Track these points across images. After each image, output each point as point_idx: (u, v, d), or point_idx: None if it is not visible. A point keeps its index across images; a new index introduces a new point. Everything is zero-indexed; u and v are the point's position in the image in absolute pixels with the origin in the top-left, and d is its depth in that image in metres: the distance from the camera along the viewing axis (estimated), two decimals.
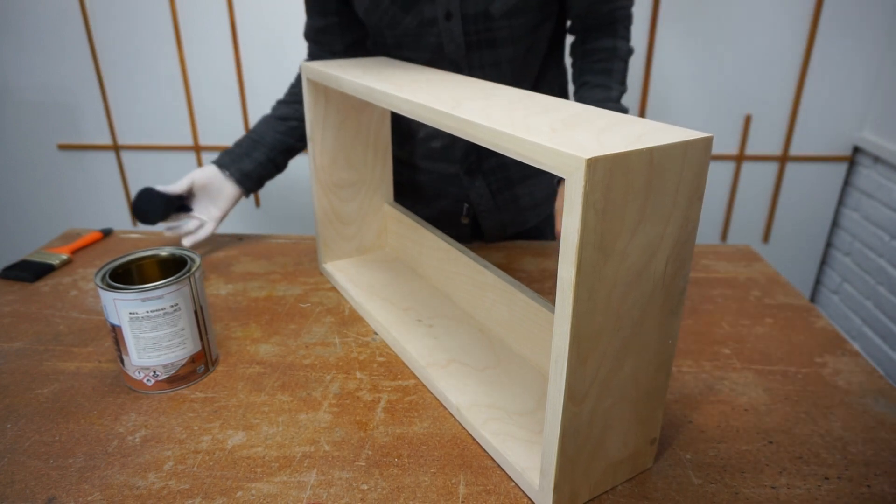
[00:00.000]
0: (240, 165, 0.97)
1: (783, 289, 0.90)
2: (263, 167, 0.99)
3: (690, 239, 0.48)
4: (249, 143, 0.99)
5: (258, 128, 1.00)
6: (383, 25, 0.89)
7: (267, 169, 0.99)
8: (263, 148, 0.98)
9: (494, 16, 0.85)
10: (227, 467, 0.57)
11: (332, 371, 0.71)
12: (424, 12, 0.86)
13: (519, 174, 1.03)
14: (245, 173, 0.97)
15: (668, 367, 0.53)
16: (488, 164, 1.01)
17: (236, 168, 0.97)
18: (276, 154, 0.99)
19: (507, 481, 0.55)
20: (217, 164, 0.97)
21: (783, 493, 0.54)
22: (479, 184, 1.02)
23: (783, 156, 1.89)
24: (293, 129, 0.99)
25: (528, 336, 0.68)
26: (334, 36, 0.96)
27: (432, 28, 0.87)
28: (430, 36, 0.89)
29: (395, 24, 0.88)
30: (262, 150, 0.98)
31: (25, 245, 2.20)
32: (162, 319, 0.64)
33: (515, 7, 0.85)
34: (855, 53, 1.76)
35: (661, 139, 0.43)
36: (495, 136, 0.47)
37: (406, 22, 0.87)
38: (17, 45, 1.89)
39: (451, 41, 0.88)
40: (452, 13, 0.85)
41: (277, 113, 1.00)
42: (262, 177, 0.99)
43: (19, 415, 0.64)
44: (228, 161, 0.97)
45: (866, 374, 0.71)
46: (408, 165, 1.05)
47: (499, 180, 1.03)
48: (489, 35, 0.88)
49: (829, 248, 2.01)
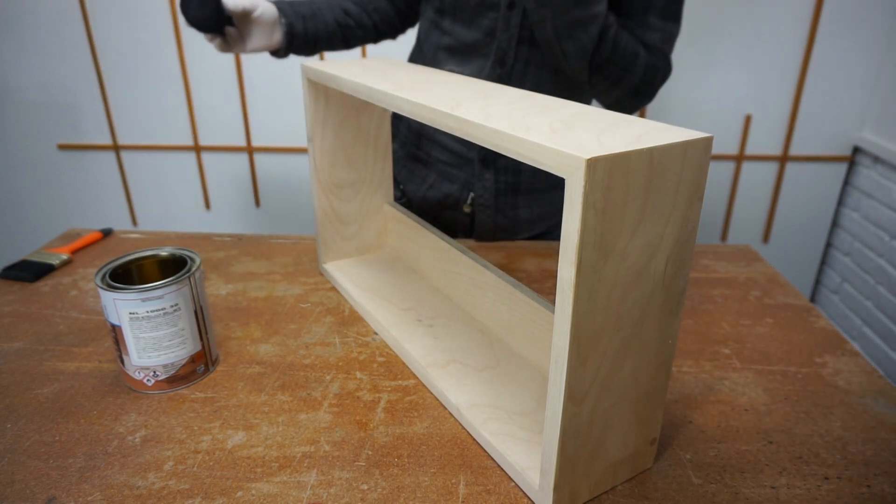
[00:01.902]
0: (294, 22, 0.95)
1: (783, 289, 0.90)
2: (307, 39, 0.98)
3: (690, 239, 0.48)
4: (308, 11, 0.98)
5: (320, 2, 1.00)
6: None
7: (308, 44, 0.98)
8: (315, 23, 0.98)
9: None
10: (227, 467, 0.57)
11: (332, 371, 0.71)
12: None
13: (527, 185, 1.03)
14: (294, 33, 0.96)
15: (668, 367, 0.53)
16: (504, 162, 1.01)
17: (290, 22, 0.95)
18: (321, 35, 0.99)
19: (507, 481, 0.55)
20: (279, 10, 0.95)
21: (783, 493, 0.54)
22: (488, 176, 1.01)
23: (783, 156, 1.89)
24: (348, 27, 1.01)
25: (528, 336, 0.68)
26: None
27: (491, 12, 0.88)
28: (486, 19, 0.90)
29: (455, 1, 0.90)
30: (313, 24, 0.98)
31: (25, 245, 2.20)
32: (162, 319, 0.64)
33: None
34: (855, 53, 1.76)
35: (661, 139, 0.43)
36: (495, 136, 0.47)
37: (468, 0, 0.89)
38: (17, 45, 1.89)
39: (505, 30, 0.89)
40: (516, 3, 0.86)
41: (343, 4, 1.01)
42: (299, 47, 0.98)
43: (19, 415, 0.64)
44: (289, 12, 0.95)
45: (866, 374, 0.71)
46: (427, 138, 1.05)
47: (507, 181, 1.02)
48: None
49: (829, 248, 2.01)
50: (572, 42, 0.82)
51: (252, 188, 2.05)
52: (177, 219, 2.10)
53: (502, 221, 1.06)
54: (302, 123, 1.93)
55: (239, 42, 0.93)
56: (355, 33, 1.03)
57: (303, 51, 0.99)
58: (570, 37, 0.82)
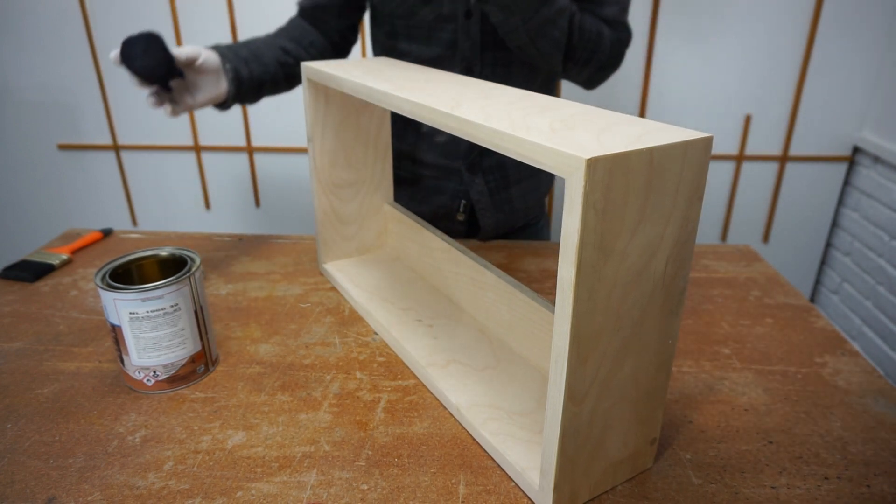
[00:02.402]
0: (238, 66, 0.87)
1: (783, 289, 0.90)
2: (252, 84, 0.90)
3: (690, 239, 0.48)
4: (248, 53, 0.90)
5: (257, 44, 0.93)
6: (397, 15, 0.89)
7: (253, 89, 0.91)
8: (259, 66, 0.91)
9: None
10: (227, 467, 0.57)
11: (332, 371, 0.71)
12: (444, 7, 0.86)
13: (515, 176, 1.04)
14: (240, 78, 0.88)
15: (668, 367, 0.53)
16: (488, 162, 1.01)
17: (234, 67, 0.87)
18: (266, 79, 0.92)
19: (507, 481, 0.55)
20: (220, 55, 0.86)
21: (783, 493, 0.54)
22: (478, 181, 1.02)
23: (783, 156, 1.89)
24: (289, 65, 0.95)
25: (528, 336, 0.68)
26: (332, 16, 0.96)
27: (449, 25, 0.87)
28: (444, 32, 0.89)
29: (410, 14, 0.88)
30: (256, 67, 0.90)
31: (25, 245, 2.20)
32: (162, 319, 0.64)
33: None
34: (855, 53, 1.76)
35: (661, 139, 0.43)
36: (495, 136, 0.47)
37: (423, 13, 0.87)
38: (17, 45, 1.89)
39: (467, 39, 0.88)
40: (473, 12, 0.85)
41: (280, 42, 0.94)
42: (245, 94, 0.90)
43: (19, 415, 0.64)
44: (231, 56, 0.87)
45: (866, 374, 0.71)
46: (409, 159, 1.05)
47: (497, 179, 1.03)
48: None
49: (829, 248, 2.01)
50: (546, 40, 0.83)
51: (252, 188, 2.05)
52: (177, 219, 2.10)
53: (502, 216, 1.07)
54: (302, 123, 1.93)
55: (186, 97, 0.84)
56: (295, 71, 0.97)
57: (248, 97, 0.92)
58: (544, 35, 0.82)
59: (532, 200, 1.09)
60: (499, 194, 1.04)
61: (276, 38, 0.95)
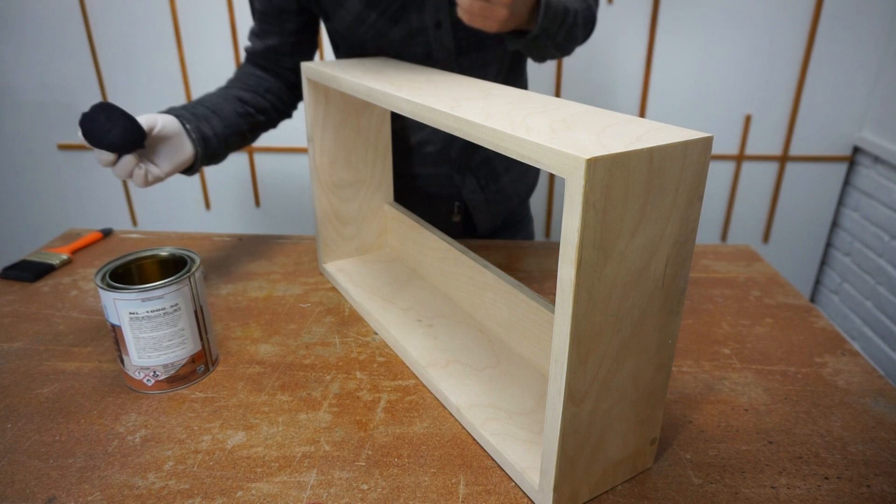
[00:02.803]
0: (200, 126, 0.81)
1: (783, 289, 0.90)
2: (218, 141, 0.84)
3: (690, 239, 0.48)
4: (206, 111, 0.84)
5: (211, 99, 0.86)
6: (367, 39, 0.88)
7: (219, 145, 0.84)
8: (220, 121, 0.84)
9: None
10: (227, 467, 0.57)
11: (332, 371, 0.71)
12: (413, 22, 0.85)
13: (502, 166, 1.05)
14: (205, 137, 0.81)
15: (668, 367, 0.53)
16: (475, 160, 1.02)
17: (197, 127, 0.80)
18: (230, 133, 0.86)
19: (507, 481, 0.55)
20: (176, 115, 0.79)
21: (783, 493, 0.54)
22: (469, 180, 1.02)
23: (783, 156, 1.89)
24: (250, 115, 0.89)
25: (528, 336, 0.68)
26: (285, 56, 0.93)
27: (420, 37, 0.87)
28: (417, 46, 0.89)
29: (380, 35, 0.87)
30: (219, 123, 0.84)
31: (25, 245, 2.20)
32: (162, 319, 0.64)
33: None
34: (855, 53, 1.76)
35: (661, 139, 0.43)
36: (495, 136, 0.47)
37: (393, 33, 0.87)
38: (17, 45, 1.89)
39: (441, 48, 0.88)
40: (442, 20, 0.85)
41: (234, 93, 0.88)
42: (214, 152, 0.84)
43: (19, 415, 0.64)
44: (190, 117, 0.81)
45: (866, 374, 0.71)
46: (399, 174, 1.05)
47: (486, 174, 1.04)
48: (480, 38, 0.88)
49: (829, 248, 2.01)
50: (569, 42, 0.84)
51: (252, 188, 2.05)
52: (177, 219, 2.10)
53: (496, 208, 1.08)
54: (302, 123, 1.93)
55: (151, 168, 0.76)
56: (257, 120, 0.91)
57: (216, 157, 0.85)
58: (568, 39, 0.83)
59: (522, 186, 1.10)
60: (490, 188, 1.05)
61: (230, 91, 0.90)
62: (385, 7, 0.84)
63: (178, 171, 0.80)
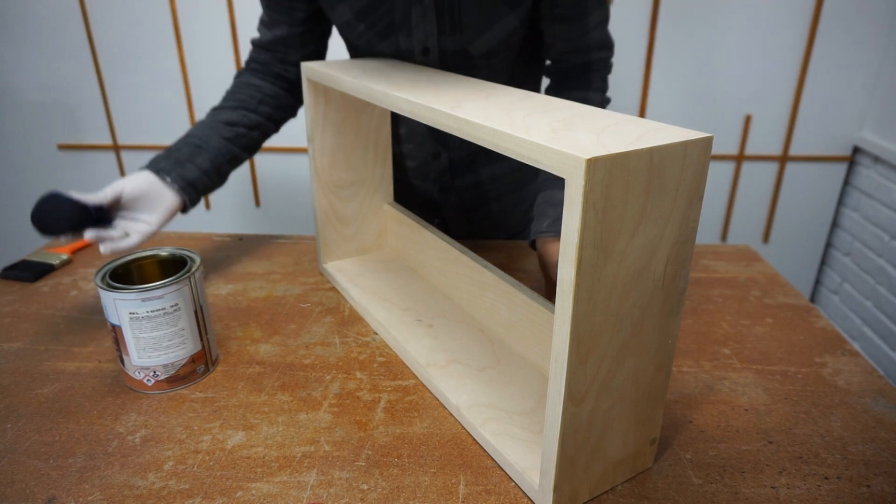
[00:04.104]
0: (182, 172, 0.82)
1: (783, 289, 0.90)
2: (208, 176, 0.85)
3: (690, 239, 0.48)
4: (190, 149, 0.85)
5: (197, 132, 0.87)
6: (359, 46, 0.88)
7: (211, 179, 0.86)
8: (207, 154, 0.85)
9: (473, 54, 0.83)
10: (227, 467, 0.57)
11: (332, 371, 0.71)
12: (401, 44, 0.84)
13: (494, 193, 1.03)
14: (189, 181, 0.83)
15: (668, 367, 0.53)
16: (462, 182, 1.00)
17: (178, 174, 0.82)
18: (221, 162, 0.87)
19: (507, 481, 0.55)
20: (153, 170, 0.81)
21: (783, 493, 0.54)
22: (453, 199, 1.02)
23: (783, 156, 1.89)
24: (240, 136, 0.89)
25: (528, 336, 0.68)
26: (294, 48, 0.90)
27: (408, 59, 0.86)
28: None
29: (370, 47, 0.87)
30: (206, 157, 0.85)
31: (25, 245, 2.20)
32: (162, 319, 0.64)
33: (494, 48, 0.83)
34: (855, 53, 1.76)
35: (661, 139, 0.43)
36: (495, 136, 0.47)
37: (381, 48, 0.86)
38: (17, 45, 1.89)
39: None
40: (430, 48, 0.83)
41: (221, 118, 0.88)
42: (205, 187, 0.86)
43: (19, 415, 0.64)
44: (168, 166, 0.82)
45: (866, 374, 0.71)
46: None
47: (473, 197, 1.02)
48: (468, 72, 0.86)
49: (829, 248, 2.01)
50: None
51: (252, 188, 2.05)
52: (177, 219, 2.10)
53: (477, 229, 1.07)
54: (302, 123, 1.93)
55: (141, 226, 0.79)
56: (251, 137, 0.90)
57: (211, 189, 0.87)
58: None
59: (514, 216, 1.08)
60: (475, 211, 1.04)
61: (217, 115, 0.89)
62: (373, 23, 0.83)
63: (169, 219, 0.82)
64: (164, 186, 0.81)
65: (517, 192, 1.06)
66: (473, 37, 0.81)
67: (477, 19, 0.80)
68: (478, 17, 0.80)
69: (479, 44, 0.82)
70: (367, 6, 0.81)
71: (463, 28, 0.80)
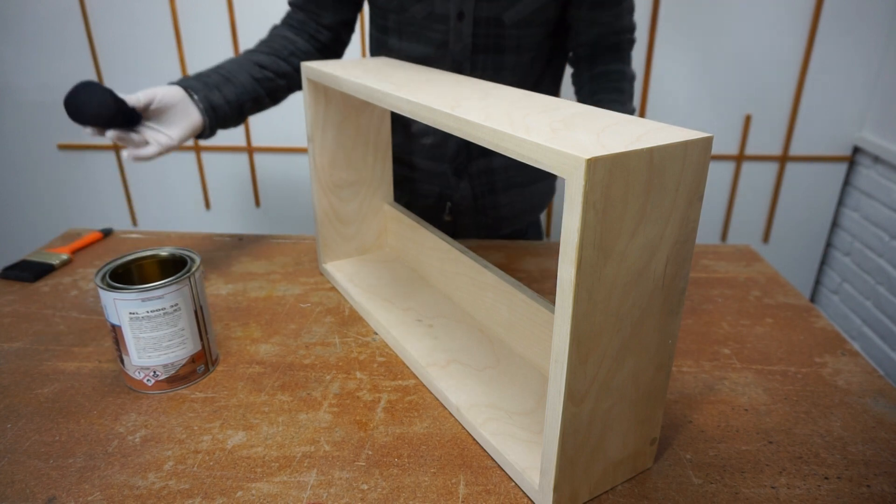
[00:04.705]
0: (209, 94, 0.84)
1: (783, 289, 0.90)
2: (231, 107, 0.86)
3: (690, 239, 0.48)
4: (219, 78, 0.86)
5: (228, 66, 0.88)
6: (390, 9, 0.89)
7: (233, 111, 0.87)
8: (233, 87, 0.86)
9: (506, 23, 0.85)
10: (227, 467, 0.57)
11: (332, 371, 0.71)
12: (436, 6, 0.86)
13: (504, 183, 1.04)
14: (213, 105, 0.84)
15: (668, 367, 0.53)
16: (475, 167, 1.01)
17: (205, 96, 0.83)
18: (245, 99, 0.88)
19: (507, 481, 0.55)
20: (183, 86, 0.82)
21: (783, 493, 0.54)
22: (464, 185, 1.02)
23: (783, 156, 1.89)
24: (268, 80, 0.90)
25: (528, 336, 0.68)
26: (326, 9, 0.92)
27: (440, 24, 0.87)
28: (435, 32, 0.89)
29: (402, 9, 0.88)
30: (232, 89, 0.86)
31: (25, 245, 2.20)
32: (162, 319, 0.64)
33: (528, 18, 0.85)
34: (855, 53, 1.76)
35: (661, 139, 0.43)
36: (495, 136, 0.47)
37: (414, 10, 0.87)
38: (17, 45, 1.89)
39: (458, 40, 0.88)
40: (465, 13, 0.85)
41: (253, 58, 0.90)
42: (225, 118, 0.86)
43: (19, 415, 0.64)
44: (198, 86, 0.83)
45: (866, 374, 0.71)
46: (397, 160, 1.06)
47: (483, 185, 1.03)
48: (498, 41, 0.88)
49: (829, 248, 2.01)
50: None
51: (252, 188, 2.05)
52: (177, 219, 2.10)
53: (483, 220, 1.07)
54: (302, 123, 1.93)
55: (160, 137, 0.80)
56: (277, 84, 0.92)
57: (230, 122, 0.88)
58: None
59: (521, 210, 1.08)
60: (484, 199, 1.04)
61: (250, 55, 0.91)
62: None
63: (190, 136, 0.83)
64: (191, 103, 0.82)
65: (527, 188, 1.07)
66: (509, 4, 0.84)
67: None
68: None
69: (512, 12, 0.85)
70: None
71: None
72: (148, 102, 0.78)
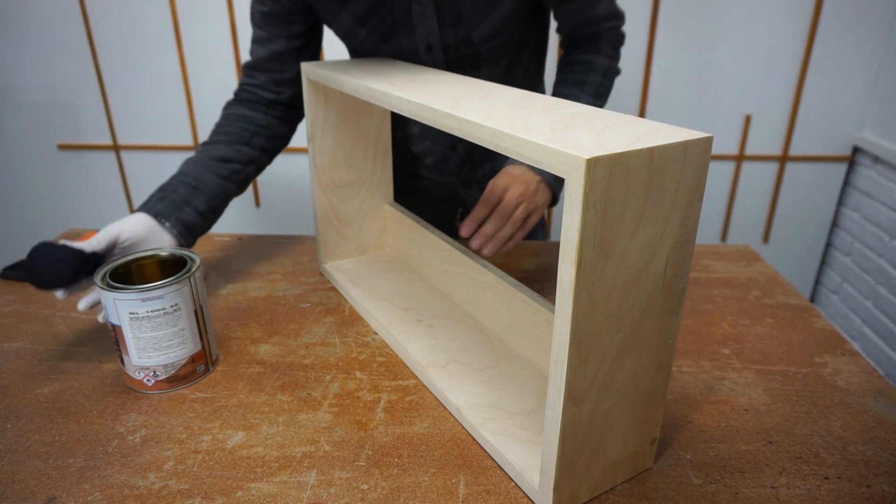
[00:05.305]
0: (180, 216, 0.80)
1: (783, 289, 0.90)
2: (205, 219, 0.83)
3: (690, 239, 0.48)
4: (187, 190, 0.81)
5: (192, 171, 0.83)
6: (360, 52, 0.88)
7: (207, 221, 0.84)
8: (203, 196, 0.82)
9: (475, 41, 0.84)
10: (227, 467, 0.57)
11: (332, 371, 0.71)
12: (403, 44, 0.84)
13: None
14: (188, 225, 0.80)
15: (668, 367, 0.53)
16: (482, 173, 1.01)
17: (177, 219, 0.79)
18: (218, 202, 0.84)
19: (507, 481, 0.55)
20: (152, 214, 0.78)
21: (783, 493, 0.54)
22: (474, 192, 1.02)
23: (783, 156, 1.89)
24: (235, 173, 0.86)
25: (528, 336, 0.68)
26: (289, 63, 0.88)
27: (411, 58, 0.86)
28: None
29: (372, 51, 0.87)
30: (203, 199, 0.82)
31: (25, 245, 2.20)
32: (162, 319, 0.64)
33: (497, 29, 0.83)
34: (855, 53, 1.76)
35: (661, 139, 0.43)
36: (495, 136, 0.47)
37: (384, 51, 0.86)
38: (17, 45, 1.89)
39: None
40: (433, 45, 0.83)
41: (214, 154, 0.85)
42: (201, 230, 0.83)
43: (19, 415, 0.64)
44: (166, 209, 0.79)
45: (866, 374, 0.71)
46: (406, 172, 1.05)
47: None
48: (472, 58, 0.87)
49: (829, 248, 2.01)
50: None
51: (252, 188, 2.05)
52: None
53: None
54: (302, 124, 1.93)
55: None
56: (246, 173, 0.88)
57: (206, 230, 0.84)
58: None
59: None
60: None
61: (209, 151, 0.86)
62: (374, 26, 0.83)
63: None
64: (162, 231, 0.78)
65: None
66: (475, 24, 0.82)
67: (476, 6, 0.80)
68: (477, 4, 0.80)
69: (480, 30, 0.82)
70: (367, 11, 0.81)
71: (463, 18, 0.81)
72: (111, 244, 0.72)
